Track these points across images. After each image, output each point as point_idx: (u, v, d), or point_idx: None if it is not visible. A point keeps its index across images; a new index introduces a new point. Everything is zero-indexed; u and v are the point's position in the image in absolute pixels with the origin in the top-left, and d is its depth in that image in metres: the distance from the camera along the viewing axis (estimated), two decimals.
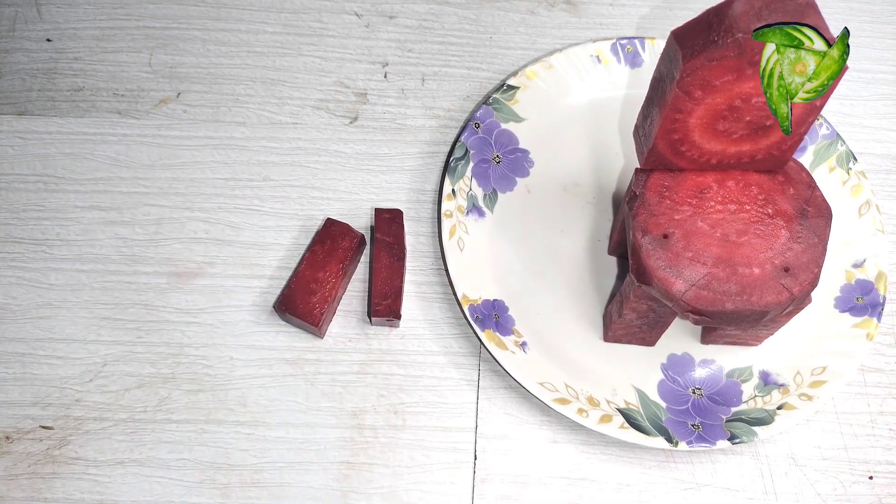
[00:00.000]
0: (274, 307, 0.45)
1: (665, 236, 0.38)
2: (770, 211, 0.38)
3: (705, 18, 0.32)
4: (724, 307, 0.36)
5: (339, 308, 0.45)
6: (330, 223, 0.45)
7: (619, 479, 0.42)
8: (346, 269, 0.44)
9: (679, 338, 0.45)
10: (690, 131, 0.36)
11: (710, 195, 0.38)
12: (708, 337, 0.44)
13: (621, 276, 0.47)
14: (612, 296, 0.46)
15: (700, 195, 0.38)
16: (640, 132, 0.38)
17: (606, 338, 0.45)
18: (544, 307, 0.46)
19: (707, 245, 0.37)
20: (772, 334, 0.44)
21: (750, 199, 0.38)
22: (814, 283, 0.37)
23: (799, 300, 0.37)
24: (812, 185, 0.39)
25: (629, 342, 0.45)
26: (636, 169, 0.40)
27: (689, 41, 0.32)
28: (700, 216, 0.38)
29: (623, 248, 0.46)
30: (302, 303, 0.43)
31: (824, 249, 0.38)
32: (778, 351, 0.45)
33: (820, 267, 0.37)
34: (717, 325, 0.38)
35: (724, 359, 0.45)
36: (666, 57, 0.34)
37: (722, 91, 0.33)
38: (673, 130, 0.36)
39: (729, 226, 0.38)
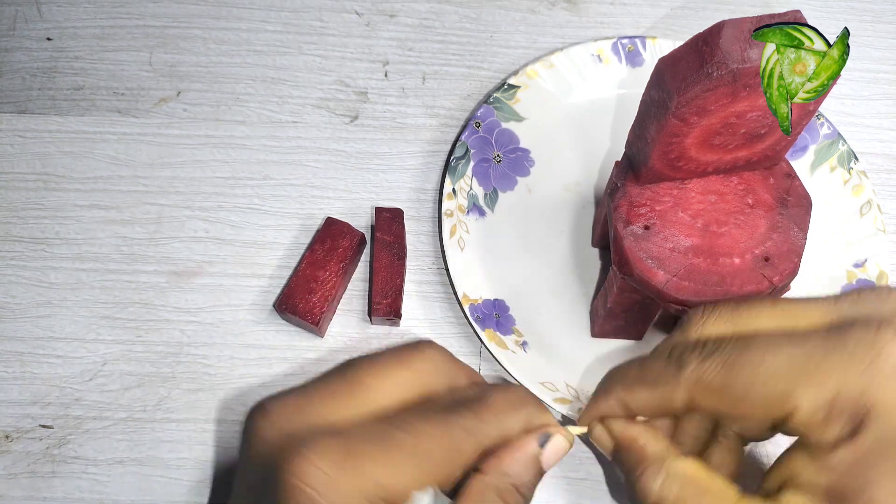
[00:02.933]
0: (274, 306, 0.45)
1: (646, 227, 0.38)
2: (750, 201, 0.38)
3: (694, 47, 0.32)
4: (705, 297, 0.36)
5: (339, 307, 0.45)
6: (330, 222, 0.45)
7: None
8: (347, 268, 0.44)
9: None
10: (687, 149, 0.36)
11: (690, 186, 0.39)
12: None
13: (605, 268, 0.47)
14: (598, 289, 0.46)
15: (681, 186, 0.38)
16: (632, 149, 0.38)
17: (594, 332, 0.45)
18: (545, 306, 0.46)
19: (688, 235, 0.38)
20: None
21: (730, 190, 0.39)
22: (794, 273, 0.37)
23: (779, 289, 0.37)
24: (792, 174, 0.39)
25: (616, 336, 0.45)
26: (617, 161, 0.40)
27: (680, 72, 0.32)
28: (681, 207, 0.38)
29: (606, 240, 0.46)
30: (302, 302, 0.43)
31: (804, 239, 0.38)
32: None
33: (800, 256, 0.37)
34: None
35: None
36: (656, 85, 0.34)
37: (717, 113, 0.34)
38: (669, 151, 0.36)
39: (710, 216, 0.38)
